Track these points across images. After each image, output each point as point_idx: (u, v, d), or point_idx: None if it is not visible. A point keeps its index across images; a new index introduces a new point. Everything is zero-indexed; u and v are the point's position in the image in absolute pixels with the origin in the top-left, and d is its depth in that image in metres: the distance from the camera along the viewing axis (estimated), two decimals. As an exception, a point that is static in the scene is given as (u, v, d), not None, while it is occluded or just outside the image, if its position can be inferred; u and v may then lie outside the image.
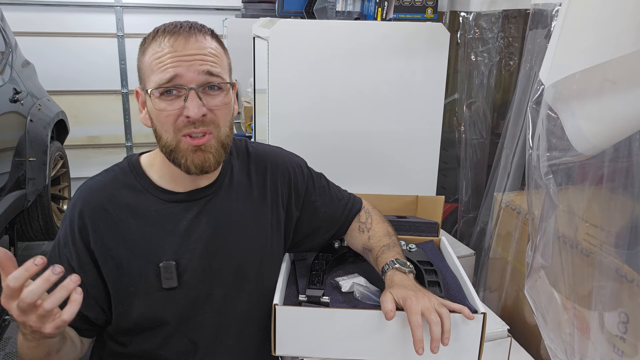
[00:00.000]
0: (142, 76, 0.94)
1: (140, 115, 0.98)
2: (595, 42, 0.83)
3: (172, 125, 0.90)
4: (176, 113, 0.90)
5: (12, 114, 2.69)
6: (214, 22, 4.31)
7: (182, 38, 0.90)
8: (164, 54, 0.89)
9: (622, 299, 0.92)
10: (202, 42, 0.91)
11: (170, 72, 0.88)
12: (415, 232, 1.35)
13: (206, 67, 0.90)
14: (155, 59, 0.90)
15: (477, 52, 1.95)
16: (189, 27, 0.92)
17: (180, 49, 0.89)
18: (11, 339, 2.55)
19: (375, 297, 1.05)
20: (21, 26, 3.82)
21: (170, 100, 0.90)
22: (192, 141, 0.91)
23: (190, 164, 0.92)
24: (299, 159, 1.19)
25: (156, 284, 0.96)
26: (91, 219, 0.96)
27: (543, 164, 0.98)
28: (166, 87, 0.88)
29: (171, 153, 0.93)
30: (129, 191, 0.98)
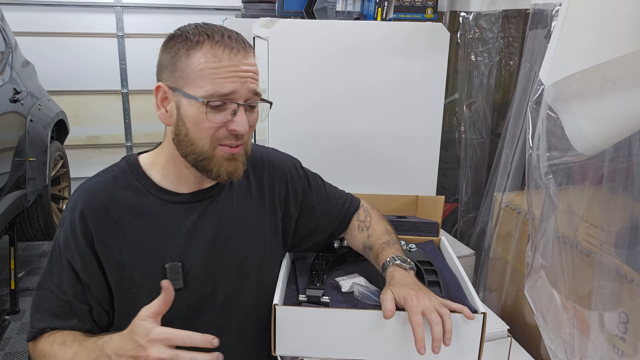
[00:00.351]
0: (182, 77, 0.91)
1: (158, 111, 0.96)
2: (595, 42, 0.83)
3: (211, 135, 0.91)
4: (220, 124, 0.91)
5: (12, 114, 2.69)
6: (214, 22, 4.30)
7: (241, 54, 0.91)
8: (223, 66, 0.89)
9: (622, 299, 0.92)
10: (252, 59, 0.94)
11: (228, 87, 0.89)
12: (415, 232, 1.35)
13: (254, 86, 0.92)
14: (210, 68, 0.89)
15: (477, 52, 1.95)
16: (243, 42, 0.93)
17: (238, 64, 0.90)
18: (11, 339, 2.55)
19: (375, 297, 1.05)
20: (21, 26, 3.82)
21: (218, 112, 0.90)
22: (230, 150, 0.93)
23: (223, 172, 0.94)
24: (294, 159, 1.20)
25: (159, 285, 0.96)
26: (93, 220, 0.95)
27: (543, 164, 0.98)
28: (222, 100, 0.89)
29: (203, 160, 0.93)
30: (130, 192, 0.97)
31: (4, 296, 2.80)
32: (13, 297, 2.71)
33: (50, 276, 0.96)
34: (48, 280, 0.96)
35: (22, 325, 2.64)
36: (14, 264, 2.70)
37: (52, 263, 0.97)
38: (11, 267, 2.69)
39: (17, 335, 2.56)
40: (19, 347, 2.48)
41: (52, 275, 0.96)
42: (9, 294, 2.73)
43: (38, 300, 0.97)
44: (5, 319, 2.63)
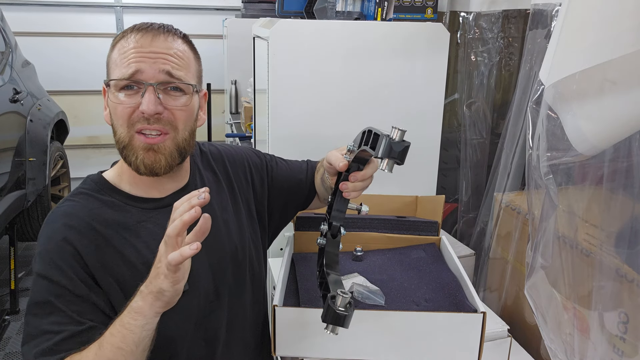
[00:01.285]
0: (108, 71, 0.93)
1: (104, 112, 0.96)
2: (595, 42, 0.83)
3: (126, 120, 0.89)
4: (132, 107, 0.89)
5: (12, 114, 2.69)
6: (214, 22, 4.32)
7: (150, 35, 0.90)
8: (129, 49, 0.89)
9: (622, 299, 0.92)
10: (169, 42, 0.91)
11: (132, 67, 0.88)
12: (415, 231, 1.35)
13: (167, 66, 0.89)
14: (120, 54, 0.90)
15: (477, 52, 1.95)
16: (159, 27, 0.92)
17: (145, 46, 0.89)
18: (11, 339, 2.55)
19: (375, 297, 1.05)
20: (21, 26, 3.82)
21: (129, 95, 0.89)
22: (146, 139, 0.89)
23: (140, 163, 0.90)
24: (248, 147, 1.23)
25: None
26: (82, 243, 0.89)
27: (543, 164, 0.98)
28: (126, 81, 0.88)
29: (124, 150, 0.91)
30: (109, 208, 0.93)
31: (4, 296, 2.80)
32: (13, 297, 2.71)
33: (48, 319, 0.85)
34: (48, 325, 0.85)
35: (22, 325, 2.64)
36: (14, 264, 2.70)
37: (45, 305, 0.86)
38: (11, 267, 2.69)
39: (17, 335, 2.56)
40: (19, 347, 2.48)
41: (52, 315, 0.85)
42: (9, 294, 2.73)
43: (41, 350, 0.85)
44: (5, 319, 2.63)
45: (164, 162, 0.91)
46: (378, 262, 1.25)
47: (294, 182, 1.18)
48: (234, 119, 3.53)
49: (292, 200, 1.19)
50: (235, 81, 3.60)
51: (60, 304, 0.85)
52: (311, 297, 1.08)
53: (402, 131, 0.81)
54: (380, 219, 1.35)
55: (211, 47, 4.27)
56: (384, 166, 0.81)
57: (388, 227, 1.34)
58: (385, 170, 0.80)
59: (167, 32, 0.92)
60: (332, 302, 0.79)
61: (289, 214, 1.21)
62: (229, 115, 3.67)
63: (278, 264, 1.18)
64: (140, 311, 0.79)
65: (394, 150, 0.81)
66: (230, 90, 3.64)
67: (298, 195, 1.19)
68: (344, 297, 0.79)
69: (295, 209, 1.21)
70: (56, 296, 0.86)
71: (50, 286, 0.86)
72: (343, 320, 0.78)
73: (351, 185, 0.93)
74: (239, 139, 2.88)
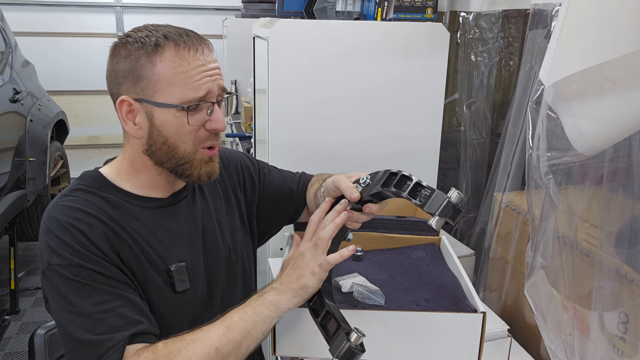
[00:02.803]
0: (149, 86, 0.87)
1: (125, 125, 0.91)
2: (595, 42, 0.83)
3: (193, 138, 0.90)
4: (200, 126, 0.90)
5: (12, 114, 2.69)
6: (214, 22, 4.32)
7: (206, 51, 0.89)
8: (191, 68, 0.86)
9: (622, 299, 0.92)
10: (214, 54, 0.92)
11: (204, 89, 0.88)
12: (415, 231, 1.35)
13: (222, 82, 0.92)
14: (180, 72, 0.86)
15: (477, 52, 1.95)
16: (202, 38, 0.91)
17: (206, 63, 0.88)
18: (11, 339, 2.55)
19: (375, 297, 1.05)
20: (21, 26, 3.83)
21: (194, 114, 0.89)
22: (210, 152, 0.93)
23: (203, 174, 0.94)
24: (243, 152, 1.24)
25: (168, 290, 0.93)
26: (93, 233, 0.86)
27: (543, 164, 0.98)
28: (199, 102, 0.88)
29: (184, 164, 0.92)
30: (109, 205, 0.92)
31: (4, 296, 2.80)
32: (13, 297, 2.71)
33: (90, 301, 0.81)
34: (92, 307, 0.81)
35: (22, 325, 2.64)
36: (14, 264, 2.70)
37: (81, 289, 0.82)
38: (11, 267, 2.70)
39: (17, 335, 2.56)
40: (19, 347, 2.48)
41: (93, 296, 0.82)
42: (9, 294, 2.73)
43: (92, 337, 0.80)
44: (5, 319, 2.63)
45: (217, 167, 0.97)
46: (378, 262, 1.25)
47: (284, 191, 1.19)
48: (234, 119, 3.54)
49: (281, 209, 1.19)
50: (235, 81, 3.60)
51: (98, 284, 0.82)
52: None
53: (460, 195, 0.81)
54: (380, 219, 1.35)
55: (211, 47, 4.27)
56: (434, 222, 0.81)
57: (388, 227, 1.34)
58: (432, 226, 0.81)
59: (209, 42, 0.92)
60: (347, 338, 0.81)
61: (276, 222, 1.21)
62: (229, 115, 3.68)
63: (278, 264, 1.18)
64: (277, 304, 0.87)
65: (450, 212, 0.80)
66: (230, 90, 3.64)
67: (287, 205, 1.19)
68: (359, 336, 0.81)
69: (283, 217, 1.21)
70: (92, 279, 0.82)
71: (82, 271, 0.82)
72: (354, 357, 0.80)
73: (362, 216, 0.95)
74: (239, 139, 2.88)
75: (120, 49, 0.89)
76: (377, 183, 0.90)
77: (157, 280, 0.92)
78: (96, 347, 0.79)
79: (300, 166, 1.30)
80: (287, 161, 1.42)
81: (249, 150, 2.21)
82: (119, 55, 0.88)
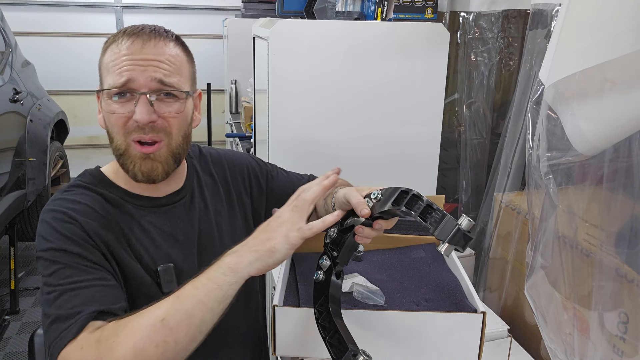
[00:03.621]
0: (100, 77, 0.93)
1: (98, 116, 0.96)
2: (595, 42, 0.83)
3: (122, 128, 0.90)
4: (127, 116, 0.89)
5: (12, 114, 2.69)
6: (214, 22, 4.32)
7: (140, 41, 0.89)
8: (120, 56, 0.88)
9: (622, 299, 0.92)
10: (160, 47, 0.90)
11: (124, 76, 0.87)
12: (415, 231, 1.35)
13: (159, 74, 0.89)
14: (111, 60, 0.89)
15: (477, 52, 1.95)
16: (150, 31, 0.91)
17: (136, 53, 0.88)
18: (11, 339, 2.55)
19: (375, 297, 1.05)
20: (21, 26, 3.83)
21: (122, 103, 0.89)
22: (142, 149, 0.90)
23: (138, 171, 0.91)
24: (250, 154, 1.23)
25: (155, 290, 0.94)
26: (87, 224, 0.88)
27: (543, 164, 0.98)
28: (119, 90, 0.88)
29: (120, 157, 0.92)
30: (106, 202, 0.94)
31: (4, 296, 2.80)
32: (13, 297, 2.71)
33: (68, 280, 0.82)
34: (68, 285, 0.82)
35: (22, 325, 2.64)
36: (14, 264, 2.70)
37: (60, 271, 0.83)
38: (11, 267, 2.70)
39: (17, 335, 2.56)
40: (19, 347, 2.48)
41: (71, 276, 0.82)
42: (9, 294, 2.73)
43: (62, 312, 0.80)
44: (5, 319, 2.63)
45: (160, 170, 0.92)
46: (378, 262, 1.25)
47: (292, 189, 1.17)
48: (234, 119, 3.54)
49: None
50: (235, 81, 3.60)
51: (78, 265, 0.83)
52: (311, 297, 1.08)
53: (471, 222, 0.79)
54: (380, 219, 1.35)
55: (211, 47, 4.27)
56: (444, 249, 0.79)
57: (388, 227, 1.34)
58: (441, 252, 0.79)
59: (158, 36, 0.91)
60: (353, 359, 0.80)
61: None
62: (229, 115, 3.68)
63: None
64: (234, 267, 0.78)
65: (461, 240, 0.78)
66: (230, 90, 3.64)
67: None
68: (365, 358, 0.79)
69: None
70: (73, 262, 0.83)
71: (64, 255, 0.84)
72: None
73: (372, 232, 0.91)
74: (239, 139, 2.88)
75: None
76: (387, 200, 0.88)
77: (146, 278, 0.93)
78: (64, 321, 0.78)
79: (300, 166, 1.30)
80: (287, 161, 1.42)
81: (249, 150, 2.22)
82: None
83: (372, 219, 0.91)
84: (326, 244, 0.96)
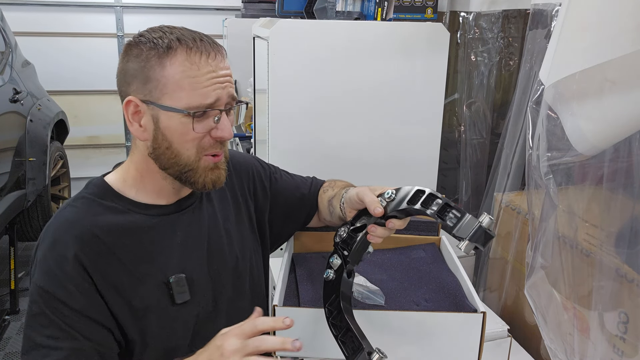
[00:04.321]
0: (158, 88, 0.85)
1: (131, 127, 0.90)
2: (595, 42, 0.83)
3: (196, 145, 0.88)
4: (204, 133, 0.88)
5: (12, 114, 2.69)
6: (214, 22, 4.31)
7: (218, 58, 0.87)
8: (202, 73, 0.85)
9: (622, 299, 0.92)
10: (226, 60, 0.90)
11: (212, 96, 0.85)
12: (415, 231, 1.35)
13: (232, 90, 0.89)
14: (189, 77, 0.84)
15: (477, 52, 1.95)
16: (215, 44, 0.89)
17: (217, 70, 0.86)
18: (11, 339, 2.55)
19: (375, 297, 1.05)
20: (21, 26, 3.82)
21: (199, 120, 0.86)
22: (214, 159, 0.91)
23: (208, 181, 0.91)
24: (254, 156, 1.22)
25: (167, 302, 0.92)
26: (83, 251, 0.86)
27: (543, 164, 0.98)
28: (207, 109, 0.86)
29: (188, 171, 0.90)
30: (111, 214, 0.90)
31: (4, 296, 2.80)
32: (13, 297, 2.71)
33: (43, 332, 0.83)
34: (42, 338, 0.83)
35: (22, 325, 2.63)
36: (14, 264, 2.70)
37: (40, 317, 0.84)
38: (11, 267, 2.69)
39: (17, 335, 2.56)
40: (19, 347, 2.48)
41: (47, 328, 0.84)
42: (9, 294, 2.73)
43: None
44: (5, 319, 2.63)
45: (224, 175, 0.93)
46: (378, 262, 1.25)
47: (296, 197, 1.17)
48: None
49: (293, 215, 1.17)
50: (235, 81, 3.60)
51: (56, 317, 0.84)
52: (311, 297, 1.07)
53: (491, 220, 0.80)
54: (380, 219, 1.35)
55: (211, 47, 4.26)
56: (463, 247, 0.80)
57: (388, 227, 1.34)
58: (461, 250, 0.80)
59: (222, 48, 0.90)
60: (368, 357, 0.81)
61: (287, 228, 1.19)
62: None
63: (278, 264, 1.17)
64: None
65: (482, 238, 0.78)
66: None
67: (299, 211, 1.17)
68: (380, 356, 0.80)
69: (295, 224, 1.19)
70: (52, 309, 0.84)
71: (47, 298, 0.84)
72: None
73: (385, 232, 0.91)
74: (239, 139, 2.88)
75: (133, 48, 0.87)
76: (402, 199, 0.88)
77: (156, 291, 0.91)
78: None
79: (300, 165, 1.30)
80: (286, 161, 1.42)
81: (249, 150, 2.21)
82: (131, 54, 0.87)
83: (384, 219, 0.91)
84: (336, 244, 0.96)
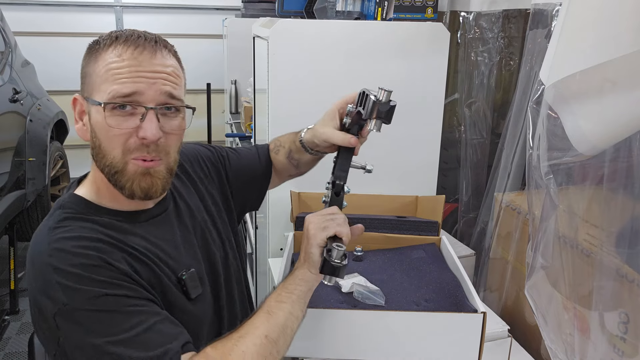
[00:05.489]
0: (90, 83, 0.85)
1: (76, 125, 0.88)
2: (595, 42, 0.83)
3: (121, 145, 0.83)
4: (129, 132, 0.82)
5: (12, 114, 2.69)
6: (214, 22, 4.31)
7: (148, 52, 0.83)
8: (124, 65, 0.81)
9: (622, 299, 0.92)
10: (167, 59, 0.85)
11: (129, 87, 0.81)
12: (415, 231, 1.35)
13: (168, 87, 0.84)
14: (111, 69, 0.82)
15: (477, 52, 1.95)
16: (155, 41, 0.85)
17: (143, 64, 0.82)
18: (11, 339, 2.55)
19: (375, 297, 1.05)
20: (21, 26, 3.82)
21: (124, 117, 0.82)
22: (144, 164, 0.84)
23: (137, 188, 0.85)
24: (196, 142, 1.22)
25: (182, 299, 0.91)
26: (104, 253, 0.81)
27: (543, 164, 0.98)
28: (123, 102, 0.81)
29: (115, 174, 0.84)
30: (103, 228, 0.86)
31: (3, 296, 2.80)
32: (13, 297, 2.71)
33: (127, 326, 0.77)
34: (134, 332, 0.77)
35: (22, 325, 2.64)
36: (14, 264, 2.70)
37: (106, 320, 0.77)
38: (11, 267, 2.70)
39: (17, 335, 2.56)
40: (19, 347, 2.48)
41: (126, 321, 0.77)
42: (9, 294, 2.73)
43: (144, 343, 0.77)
44: (5, 319, 2.63)
45: (159, 186, 0.87)
46: (378, 262, 1.25)
47: (247, 166, 1.18)
48: (234, 119, 3.53)
49: (250, 184, 1.19)
50: (235, 81, 3.60)
51: (120, 307, 0.78)
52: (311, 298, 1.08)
53: (388, 92, 0.87)
54: (380, 219, 1.35)
55: (211, 47, 4.27)
56: (372, 126, 0.90)
57: (388, 227, 1.34)
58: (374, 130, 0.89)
59: (163, 47, 0.86)
60: (328, 255, 0.84)
61: (249, 197, 1.20)
62: (229, 115, 3.68)
63: (278, 264, 1.18)
64: (304, 278, 0.88)
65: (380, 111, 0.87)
66: (230, 90, 3.64)
67: (254, 178, 1.19)
68: (339, 250, 0.84)
69: (254, 191, 1.21)
70: (119, 308, 0.78)
71: (105, 300, 0.77)
72: (338, 272, 0.84)
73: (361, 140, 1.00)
74: (239, 139, 2.88)
75: (87, 50, 0.89)
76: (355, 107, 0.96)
77: (174, 291, 0.90)
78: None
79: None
80: (287, 161, 1.42)
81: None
82: (84, 55, 0.89)
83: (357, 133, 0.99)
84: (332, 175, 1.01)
